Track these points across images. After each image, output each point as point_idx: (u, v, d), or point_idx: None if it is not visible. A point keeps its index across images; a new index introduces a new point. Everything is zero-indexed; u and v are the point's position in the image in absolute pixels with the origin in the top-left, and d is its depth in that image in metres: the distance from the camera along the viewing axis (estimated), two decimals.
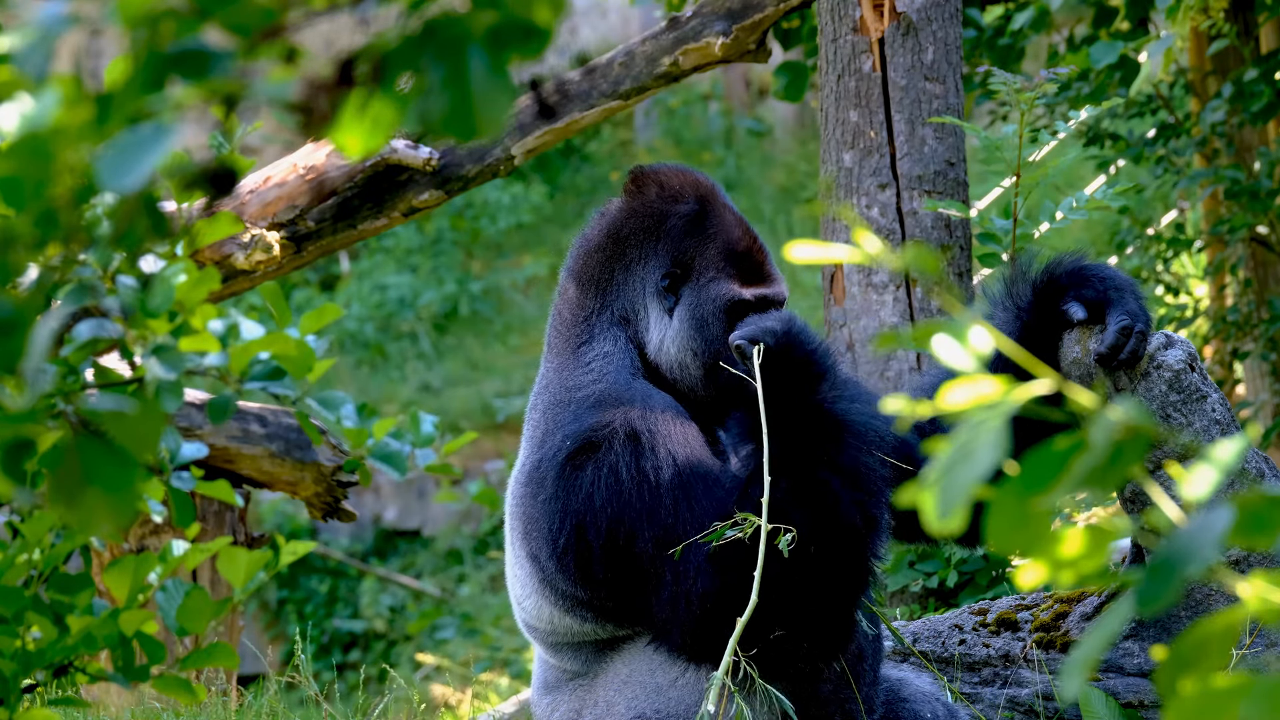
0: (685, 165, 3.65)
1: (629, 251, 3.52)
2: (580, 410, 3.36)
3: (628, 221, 3.54)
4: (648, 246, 3.52)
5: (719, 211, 3.52)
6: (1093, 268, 3.54)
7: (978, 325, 1.49)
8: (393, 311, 15.08)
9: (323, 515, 5.99)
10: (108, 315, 1.91)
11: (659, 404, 3.33)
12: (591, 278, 3.54)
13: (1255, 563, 3.53)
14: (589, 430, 3.30)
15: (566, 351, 3.51)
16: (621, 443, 3.26)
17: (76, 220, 1.51)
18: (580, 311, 3.53)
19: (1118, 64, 7.05)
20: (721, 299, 3.46)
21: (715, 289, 3.46)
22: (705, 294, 3.47)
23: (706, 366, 3.46)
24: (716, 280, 3.47)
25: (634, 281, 3.52)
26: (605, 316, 3.51)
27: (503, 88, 1.43)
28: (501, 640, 11.66)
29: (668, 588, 3.24)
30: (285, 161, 5.83)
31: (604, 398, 3.37)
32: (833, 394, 3.24)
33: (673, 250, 3.50)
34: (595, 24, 16.45)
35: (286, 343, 2.06)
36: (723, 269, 3.48)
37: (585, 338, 3.50)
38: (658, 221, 3.51)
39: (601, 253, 3.54)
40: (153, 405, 1.72)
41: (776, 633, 3.21)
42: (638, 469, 3.25)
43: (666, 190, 3.54)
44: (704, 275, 3.48)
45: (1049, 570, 1.47)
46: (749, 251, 3.50)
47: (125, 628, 2.26)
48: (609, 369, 3.45)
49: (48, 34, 1.49)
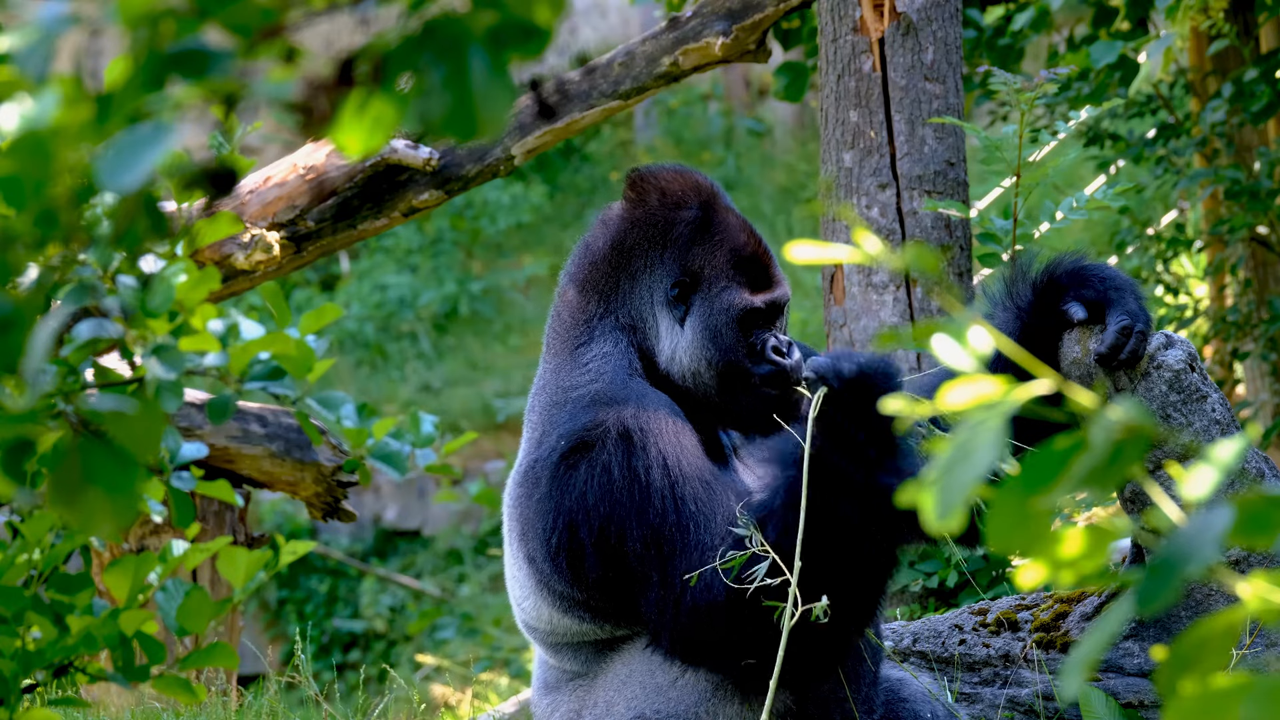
0: (684, 166, 3.62)
1: (634, 260, 3.51)
2: (576, 410, 3.37)
3: (631, 230, 3.52)
4: (653, 255, 3.50)
5: (723, 215, 3.51)
6: (1093, 268, 3.54)
7: (977, 325, 1.49)
8: (393, 311, 15.08)
9: (323, 515, 5.99)
10: (108, 315, 1.91)
11: (653, 403, 3.33)
12: (594, 284, 3.53)
13: (1255, 563, 3.53)
14: (583, 429, 3.30)
15: (564, 353, 3.51)
16: (614, 441, 3.26)
17: (76, 220, 1.51)
18: (580, 315, 3.52)
19: (1117, 64, 7.05)
20: (734, 309, 3.45)
21: (726, 298, 3.46)
22: (717, 304, 3.46)
23: (721, 375, 3.46)
24: (728, 289, 3.46)
25: (640, 290, 3.51)
26: (609, 322, 3.50)
27: (503, 88, 1.43)
28: (501, 640, 11.66)
29: (654, 590, 3.25)
30: (285, 161, 5.83)
31: (599, 397, 3.37)
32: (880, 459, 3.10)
33: (680, 259, 3.49)
34: (595, 24, 16.45)
35: (286, 343, 2.06)
36: (733, 277, 3.47)
37: (584, 339, 3.50)
38: (663, 230, 3.50)
39: (605, 260, 3.53)
40: (153, 405, 1.72)
41: (764, 647, 3.23)
42: (629, 467, 3.25)
43: (669, 196, 3.52)
44: (714, 284, 3.47)
45: (1049, 570, 1.47)
46: (755, 256, 3.49)
47: (125, 628, 2.26)
48: (606, 369, 3.45)
49: (48, 34, 1.49)
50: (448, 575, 12.95)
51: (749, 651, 3.23)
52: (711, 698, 3.36)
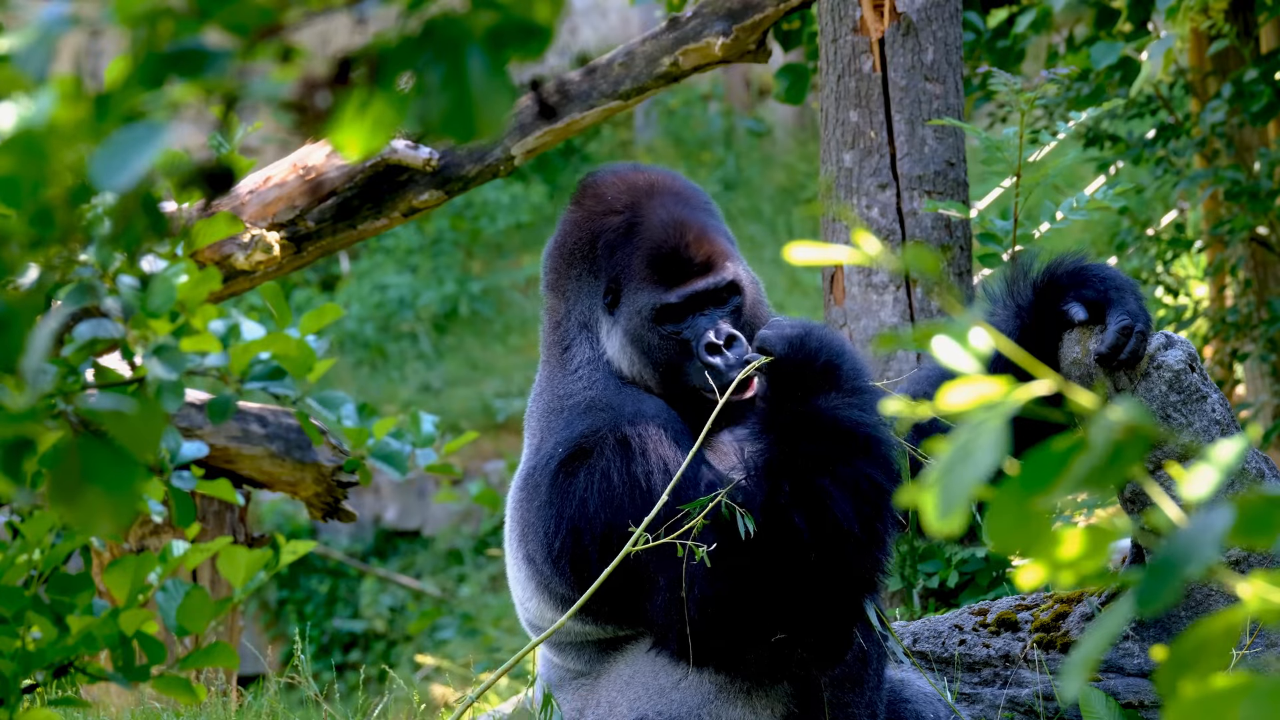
0: (632, 166, 3.59)
1: (575, 267, 3.53)
2: (572, 417, 3.38)
3: (569, 237, 3.54)
4: (585, 265, 3.51)
5: (649, 214, 3.47)
6: (1094, 268, 3.54)
7: (977, 326, 1.49)
8: (393, 311, 15.08)
9: (323, 515, 5.99)
10: (108, 315, 1.91)
11: (649, 409, 3.33)
12: (556, 287, 3.56)
13: (1255, 563, 3.53)
14: (580, 437, 3.31)
15: (554, 359, 3.53)
16: (612, 448, 3.27)
17: (73, 219, 1.51)
18: (555, 317, 3.56)
19: (1117, 65, 7.05)
20: (647, 309, 3.42)
21: (640, 300, 3.43)
22: (634, 307, 3.44)
23: (661, 376, 3.44)
24: (641, 290, 3.43)
25: (584, 295, 3.52)
26: (573, 322, 3.53)
27: (502, 88, 1.42)
28: (501, 640, 11.66)
29: (661, 593, 3.25)
30: (285, 162, 5.83)
31: (594, 404, 3.38)
32: (840, 401, 3.22)
33: (607, 268, 3.48)
34: (595, 24, 16.45)
35: (287, 343, 2.06)
36: (647, 277, 3.43)
37: (566, 343, 3.52)
38: (592, 239, 3.50)
39: (555, 268, 3.56)
40: (153, 405, 1.72)
41: (776, 637, 3.21)
42: (629, 473, 3.25)
43: (601, 203, 3.51)
44: (632, 288, 3.44)
45: (1049, 570, 1.47)
46: (675, 250, 3.44)
47: (125, 628, 2.26)
48: (597, 376, 3.45)
49: (48, 34, 1.49)
50: (448, 575, 12.95)
51: (758, 640, 3.22)
52: (715, 700, 3.36)
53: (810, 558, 3.14)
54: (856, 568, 3.18)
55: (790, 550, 3.14)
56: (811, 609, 3.19)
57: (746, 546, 3.15)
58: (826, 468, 3.15)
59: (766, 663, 3.26)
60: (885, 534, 3.20)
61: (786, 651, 3.23)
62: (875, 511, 3.17)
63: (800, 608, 3.18)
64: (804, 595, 3.17)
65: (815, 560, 3.14)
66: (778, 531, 3.14)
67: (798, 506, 3.14)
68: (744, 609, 3.19)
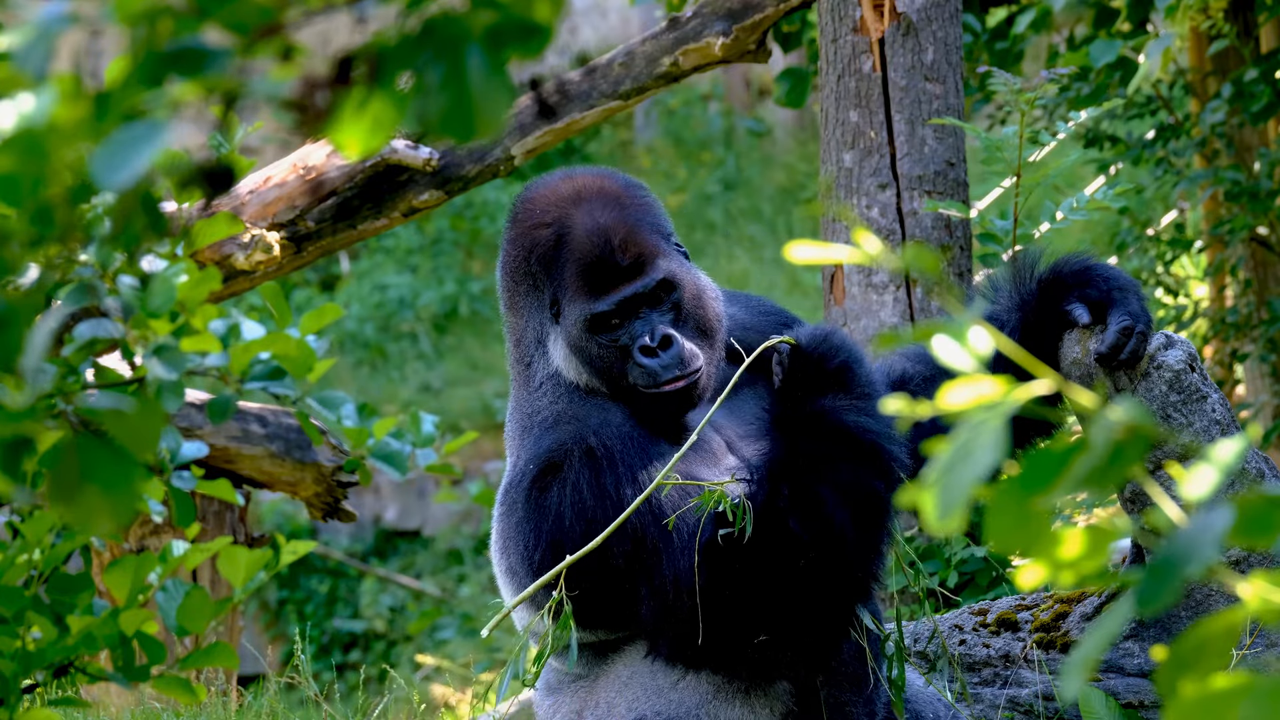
0: (563, 174, 3.55)
1: (521, 284, 3.50)
2: (540, 433, 3.38)
3: (509, 256, 3.52)
4: (529, 282, 3.49)
5: (575, 223, 3.43)
6: (1098, 268, 3.55)
7: (978, 326, 1.49)
8: (393, 311, 15.08)
9: (323, 515, 5.99)
10: (108, 315, 1.91)
11: (615, 419, 3.33)
12: (511, 305, 3.55)
13: (1255, 563, 3.53)
14: (548, 452, 3.31)
15: (519, 377, 3.54)
16: (580, 459, 3.26)
17: (73, 218, 1.51)
18: (515, 335, 3.55)
19: (1117, 64, 7.05)
20: (582, 320, 3.40)
21: (574, 312, 3.40)
22: (570, 319, 3.42)
23: (609, 384, 3.41)
24: (575, 301, 3.41)
25: (534, 311, 3.51)
26: (530, 338, 3.52)
27: (502, 88, 1.42)
28: (501, 640, 11.65)
29: (644, 602, 3.25)
30: (285, 162, 5.83)
31: (560, 418, 3.38)
32: (849, 404, 3.22)
33: (546, 283, 3.46)
34: (595, 24, 16.45)
35: (287, 343, 2.06)
36: (580, 288, 3.41)
37: (527, 360, 3.52)
38: (528, 254, 3.47)
39: (506, 287, 3.54)
40: (153, 405, 1.72)
41: (760, 639, 3.22)
42: (598, 485, 3.24)
43: (531, 217, 3.49)
44: (567, 299, 3.43)
45: (1049, 570, 1.47)
46: (600, 258, 3.40)
47: (125, 628, 2.26)
48: (560, 390, 3.44)
49: (48, 33, 1.49)
50: (448, 575, 12.95)
51: (749, 638, 3.22)
52: (713, 700, 3.36)
53: (804, 564, 3.14)
54: (850, 575, 3.18)
55: (785, 555, 3.14)
56: (802, 614, 3.20)
57: (739, 549, 3.15)
58: (828, 474, 3.15)
59: (757, 664, 3.27)
60: (882, 543, 3.20)
61: (774, 654, 3.24)
62: (873, 520, 3.17)
63: (791, 612, 3.19)
64: (795, 600, 3.18)
65: (808, 566, 3.15)
66: (774, 536, 3.14)
67: (795, 512, 3.14)
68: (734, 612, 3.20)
